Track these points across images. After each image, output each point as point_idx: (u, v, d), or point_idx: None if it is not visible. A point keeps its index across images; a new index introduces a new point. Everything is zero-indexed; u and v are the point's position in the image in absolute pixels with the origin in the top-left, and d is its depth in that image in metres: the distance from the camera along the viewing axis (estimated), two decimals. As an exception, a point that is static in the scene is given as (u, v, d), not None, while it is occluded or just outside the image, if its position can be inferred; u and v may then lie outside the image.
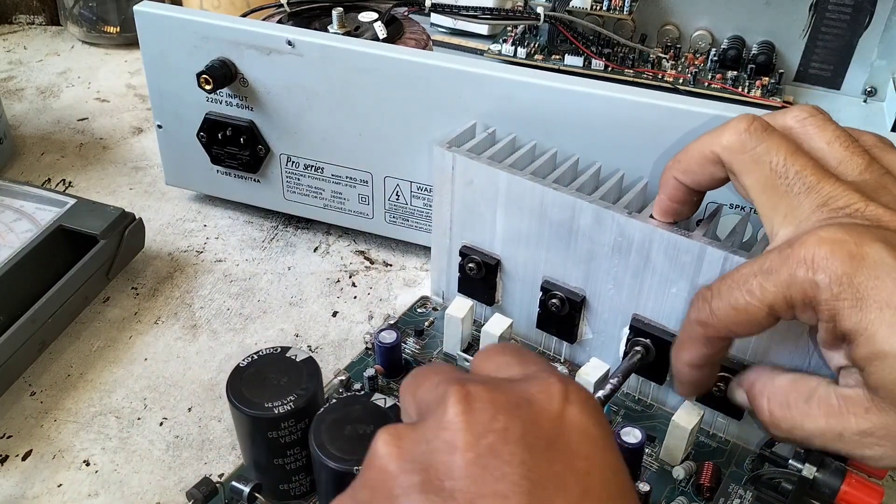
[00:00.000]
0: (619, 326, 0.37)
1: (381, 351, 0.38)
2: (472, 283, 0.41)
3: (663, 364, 0.36)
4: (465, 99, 0.42)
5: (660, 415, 0.38)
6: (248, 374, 0.32)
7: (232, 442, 0.38)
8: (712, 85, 0.60)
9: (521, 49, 0.63)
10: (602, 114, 0.40)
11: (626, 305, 0.36)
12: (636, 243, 0.35)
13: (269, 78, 0.45)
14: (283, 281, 0.47)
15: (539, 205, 0.37)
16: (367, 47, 0.43)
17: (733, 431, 0.36)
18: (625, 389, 0.38)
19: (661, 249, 0.34)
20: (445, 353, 0.40)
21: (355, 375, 0.38)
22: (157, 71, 0.48)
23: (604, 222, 0.35)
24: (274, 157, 0.48)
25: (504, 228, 0.38)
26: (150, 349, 0.43)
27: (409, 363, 0.39)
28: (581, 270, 0.37)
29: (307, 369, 0.33)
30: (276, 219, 0.52)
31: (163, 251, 0.49)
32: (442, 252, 0.42)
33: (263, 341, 0.43)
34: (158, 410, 0.40)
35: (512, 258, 0.39)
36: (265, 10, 0.55)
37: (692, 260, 0.33)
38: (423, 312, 0.43)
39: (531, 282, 0.39)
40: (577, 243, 0.36)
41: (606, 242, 0.35)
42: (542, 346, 0.41)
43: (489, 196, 0.38)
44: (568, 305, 0.38)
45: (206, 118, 0.48)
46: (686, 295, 0.34)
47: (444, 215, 0.40)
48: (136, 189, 0.55)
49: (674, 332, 0.35)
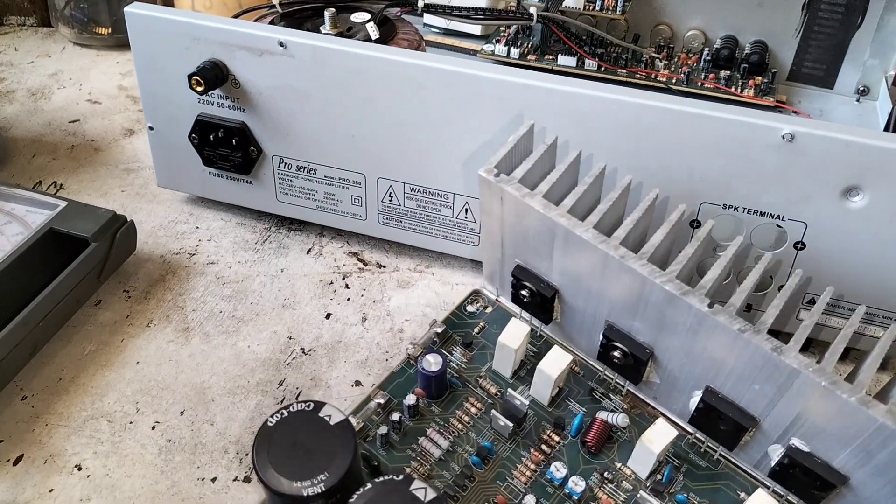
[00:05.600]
0: (689, 388, 0.34)
1: (423, 378, 0.35)
2: (528, 304, 0.37)
3: (735, 437, 0.33)
4: (457, 100, 0.42)
5: (725, 475, 0.34)
6: (278, 438, 0.30)
7: (224, 445, 0.38)
8: (705, 85, 0.59)
9: (514, 49, 0.63)
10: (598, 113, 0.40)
11: (699, 377, 0.33)
12: (716, 338, 0.30)
13: (261, 79, 0.45)
14: (275, 283, 0.47)
15: (602, 265, 0.32)
16: (359, 48, 0.43)
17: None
18: (691, 438, 0.35)
19: (745, 356, 0.30)
20: (494, 370, 0.38)
21: (394, 391, 0.36)
22: (149, 73, 0.48)
23: (678, 307, 0.31)
24: (266, 158, 0.48)
25: (562, 267, 0.34)
26: (142, 352, 0.43)
27: (454, 383, 0.37)
28: (650, 331, 0.33)
29: (341, 437, 0.30)
30: (268, 220, 0.52)
31: (155, 253, 0.49)
32: (495, 246, 0.37)
33: (256, 344, 0.43)
34: (151, 414, 0.39)
35: (571, 290, 0.35)
36: (257, 10, 0.55)
37: (782, 376, 0.29)
38: (474, 313, 0.39)
39: (593, 315, 0.35)
40: (647, 311, 0.32)
41: (681, 324, 0.31)
42: (603, 373, 0.37)
43: (544, 237, 0.33)
44: (633, 359, 0.34)
45: (198, 120, 0.48)
46: (770, 397, 0.30)
47: (493, 232, 0.36)
48: (127, 191, 0.55)
49: (752, 414, 0.32)
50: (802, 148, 0.37)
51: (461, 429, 0.36)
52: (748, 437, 0.33)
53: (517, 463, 0.35)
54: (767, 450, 0.33)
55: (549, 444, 0.35)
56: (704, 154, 0.39)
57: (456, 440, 0.35)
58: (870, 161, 0.36)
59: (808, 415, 0.30)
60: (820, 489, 0.31)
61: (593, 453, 0.35)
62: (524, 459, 0.35)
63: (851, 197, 0.38)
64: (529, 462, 0.35)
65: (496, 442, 0.35)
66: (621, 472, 0.35)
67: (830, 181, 0.38)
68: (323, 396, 0.40)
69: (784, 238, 0.40)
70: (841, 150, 0.36)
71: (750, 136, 0.38)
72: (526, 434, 0.35)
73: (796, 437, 0.31)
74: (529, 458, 0.35)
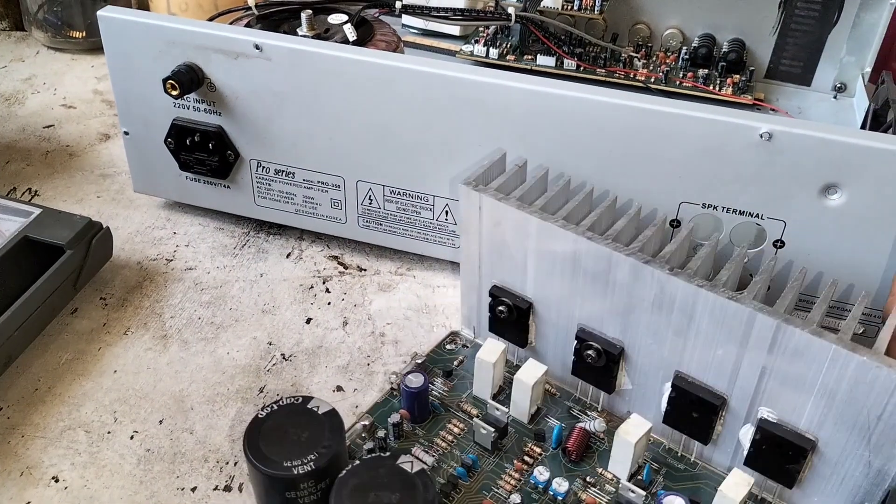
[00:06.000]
0: (660, 381, 0.35)
1: (407, 395, 0.36)
2: (504, 324, 0.39)
3: (708, 425, 0.34)
4: (436, 101, 0.42)
5: (704, 475, 0.35)
6: (267, 427, 0.31)
7: (204, 454, 0.37)
8: (683, 83, 0.60)
9: (493, 50, 0.63)
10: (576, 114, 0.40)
11: (668, 361, 0.34)
12: (679, 302, 0.32)
13: (238, 82, 0.45)
14: (255, 288, 0.47)
15: (572, 253, 0.34)
16: (336, 50, 0.42)
17: (787, 497, 0.34)
18: (667, 445, 0.36)
19: (706, 311, 0.32)
20: (475, 396, 0.38)
21: (379, 419, 0.37)
22: (123, 77, 0.47)
23: (643, 278, 0.33)
24: (244, 162, 0.47)
25: (536, 271, 0.36)
26: (119, 361, 0.42)
27: (436, 408, 0.37)
28: (619, 321, 0.35)
29: (330, 424, 0.31)
30: (247, 225, 0.52)
31: (132, 260, 0.49)
32: (472, 288, 0.39)
33: (235, 350, 0.43)
34: (129, 423, 0.39)
35: (545, 301, 0.37)
36: (233, 13, 0.54)
37: (740, 325, 0.31)
38: (453, 350, 0.41)
39: (565, 327, 0.37)
40: (615, 295, 0.34)
41: (646, 297, 0.33)
42: (578, 392, 0.39)
43: (519, 238, 0.36)
44: (605, 357, 0.36)
45: (174, 124, 0.47)
46: (734, 358, 0.32)
47: (472, 254, 0.38)
48: (103, 197, 0.54)
49: (720, 393, 0.33)
50: (780, 147, 0.37)
51: (445, 447, 0.36)
52: (719, 427, 0.34)
53: (501, 474, 0.35)
54: (738, 436, 0.34)
55: (531, 454, 0.36)
56: (683, 153, 0.39)
57: (441, 457, 0.35)
58: (848, 159, 0.36)
59: (770, 369, 0.31)
60: (792, 460, 0.32)
61: (574, 461, 0.35)
62: (508, 470, 0.35)
63: (830, 195, 0.38)
64: (513, 472, 0.35)
65: (480, 456, 0.36)
66: (603, 475, 0.35)
67: (809, 179, 0.38)
68: (304, 402, 0.40)
69: (763, 236, 0.40)
70: (819, 148, 0.36)
71: (728, 135, 0.38)
72: (508, 449, 0.36)
73: (763, 406, 0.32)
74: (513, 468, 0.35)
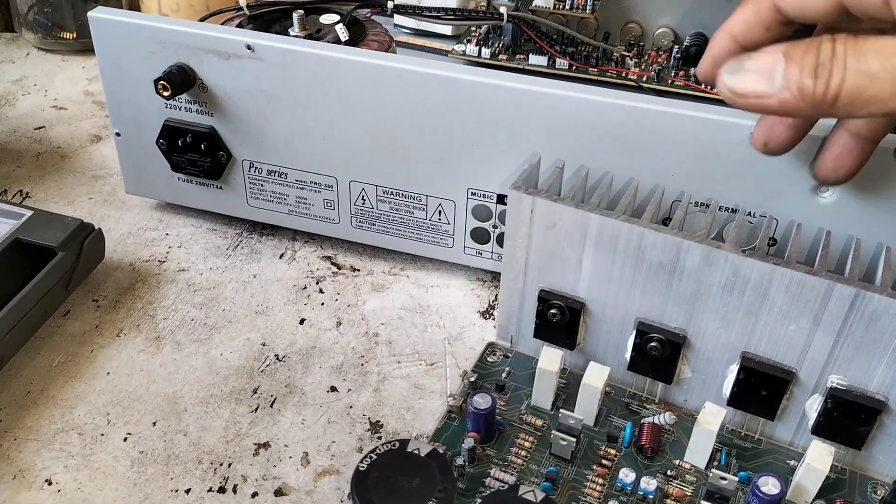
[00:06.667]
0: (724, 364, 0.36)
1: (475, 417, 0.35)
2: (552, 327, 0.38)
3: (775, 401, 0.35)
4: (428, 101, 0.42)
5: (770, 450, 0.36)
6: (373, 479, 0.30)
7: (198, 456, 0.37)
8: (675, 82, 0.60)
9: (485, 49, 0.63)
10: (569, 113, 0.40)
11: (735, 343, 0.35)
12: (752, 282, 0.33)
13: (230, 83, 0.44)
14: (248, 289, 0.47)
15: (637, 247, 0.35)
16: (328, 50, 0.42)
17: (850, 460, 0.35)
18: (729, 426, 0.37)
19: (781, 287, 0.33)
20: (534, 406, 0.38)
21: (447, 443, 0.36)
22: (114, 78, 0.47)
23: (715, 262, 0.33)
24: (236, 163, 0.47)
25: (591, 270, 0.36)
26: (112, 363, 0.42)
27: (501, 425, 0.37)
28: (682, 310, 0.35)
29: (437, 465, 0.30)
30: (239, 226, 0.51)
31: (124, 262, 0.48)
32: (513, 296, 0.39)
33: (229, 351, 0.43)
34: (122, 426, 0.39)
35: (599, 300, 0.37)
36: (224, 13, 0.54)
37: (817, 298, 0.32)
38: (495, 362, 0.40)
39: (621, 323, 0.37)
40: (680, 284, 0.35)
41: (716, 282, 0.34)
42: (632, 388, 0.39)
43: (575, 239, 0.36)
44: (669, 347, 0.36)
45: (166, 125, 0.47)
46: (806, 331, 0.33)
47: (518, 259, 0.38)
48: (95, 198, 0.54)
49: (790, 368, 0.34)
50: (772, 144, 0.37)
51: (521, 463, 0.35)
52: (786, 401, 0.35)
53: (584, 481, 0.35)
54: (805, 407, 0.35)
55: (607, 457, 0.36)
56: (675, 152, 0.39)
57: (520, 474, 0.35)
58: (839, 157, 0.37)
59: (844, 337, 0.32)
60: (864, 423, 0.33)
61: (650, 456, 0.36)
62: (590, 476, 0.35)
63: (822, 193, 0.38)
64: (596, 477, 0.35)
65: (559, 467, 0.35)
66: (681, 467, 0.35)
67: (800, 177, 0.38)
68: (298, 403, 0.40)
69: (756, 235, 0.40)
70: (810, 145, 0.37)
71: (719, 133, 0.38)
72: (583, 455, 0.36)
73: (833, 375, 0.33)
74: (594, 474, 0.35)
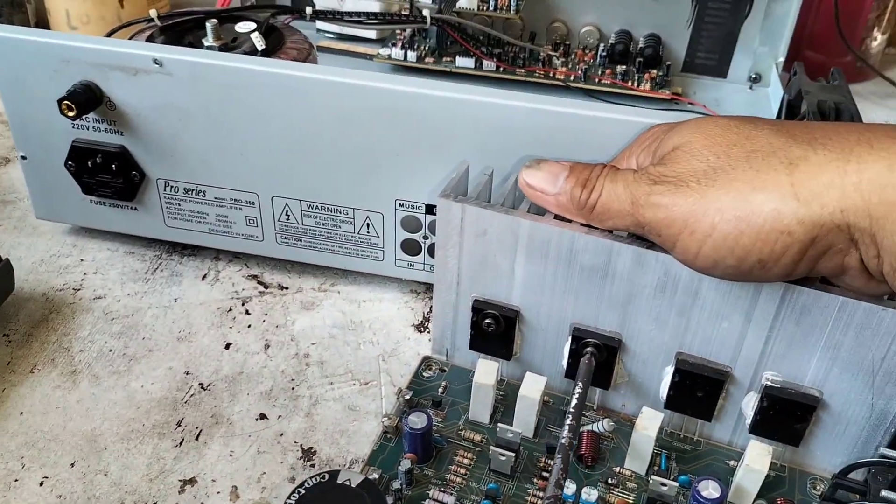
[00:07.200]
0: (660, 366, 0.36)
1: (411, 438, 0.34)
2: (487, 338, 0.38)
3: (712, 401, 0.35)
4: (349, 111, 0.40)
5: (710, 451, 0.36)
6: None
7: (120, 497, 0.35)
8: (602, 80, 0.59)
9: (410, 52, 0.61)
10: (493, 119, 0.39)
11: (669, 344, 0.35)
12: (683, 281, 0.33)
13: (139, 100, 0.42)
14: (169, 314, 0.45)
15: (568, 251, 0.34)
16: (240, 62, 0.40)
17: (789, 457, 0.35)
18: (668, 429, 0.37)
19: (712, 285, 0.33)
20: (472, 421, 0.37)
21: (383, 466, 0.34)
22: (17, 98, 0.44)
23: (646, 263, 0.33)
24: (150, 182, 0.45)
25: (524, 277, 0.36)
26: (25, 402, 0.39)
27: (439, 443, 0.36)
28: (616, 313, 0.35)
29: (370, 495, 0.29)
30: (158, 248, 0.49)
31: (36, 292, 0.46)
32: (447, 307, 0.38)
33: (150, 382, 0.40)
34: (38, 469, 0.36)
35: (533, 308, 0.36)
36: (135, 25, 0.52)
37: (747, 294, 0.32)
38: (431, 377, 0.39)
39: (556, 330, 0.37)
40: (613, 286, 0.34)
41: (648, 283, 0.34)
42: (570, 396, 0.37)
43: (507, 245, 0.35)
44: (605, 352, 0.36)
45: (74, 146, 0.45)
46: (739, 329, 0.33)
47: (450, 269, 0.37)
48: (4, 225, 0.51)
49: (724, 367, 0.34)
50: (698, 144, 0.37)
51: (461, 482, 0.35)
52: (722, 401, 0.35)
53: (526, 496, 0.34)
54: (741, 406, 0.35)
55: (547, 469, 0.35)
56: (602, 155, 0.38)
57: (460, 493, 0.34)
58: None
59: (775, 332, 0.33)
60: (800, 419, 0.33)
61: (590, 465, 0.35)
62: (531, 490, 0.34)
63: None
64: (537, 491, 0.34)
65: (499, 482, 0.34)
66: (622, 474, 0.35)
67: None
68: (225, 434, 0.38)
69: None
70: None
71: (646, 135, 0.37)
72: (523, 469, 0.35)
73: (767, 371, 0.34)
74: (535, 488, 0.34)
